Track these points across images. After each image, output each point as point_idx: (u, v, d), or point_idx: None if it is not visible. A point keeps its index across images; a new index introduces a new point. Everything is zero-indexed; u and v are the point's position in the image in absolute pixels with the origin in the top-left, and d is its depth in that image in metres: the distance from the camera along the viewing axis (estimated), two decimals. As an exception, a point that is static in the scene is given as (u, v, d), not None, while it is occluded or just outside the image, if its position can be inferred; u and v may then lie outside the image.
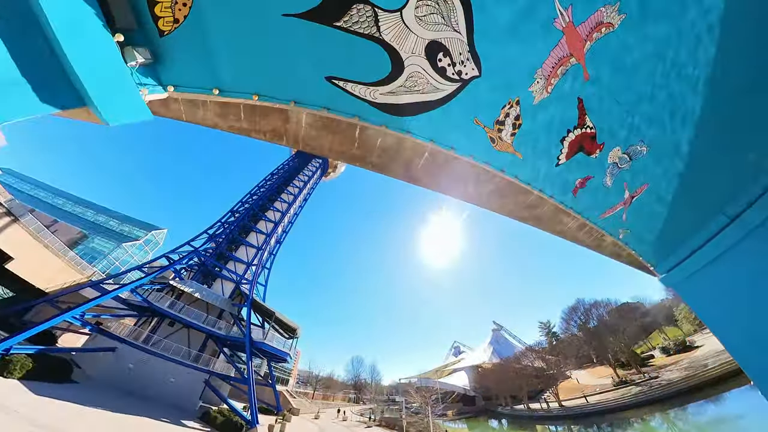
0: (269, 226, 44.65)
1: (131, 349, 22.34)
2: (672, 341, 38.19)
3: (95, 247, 52.45)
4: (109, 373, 20.78)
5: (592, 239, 7.33)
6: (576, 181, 4.28)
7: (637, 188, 4.29)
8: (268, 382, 30.01)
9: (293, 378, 70.07)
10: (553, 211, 5.90)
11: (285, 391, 47.01)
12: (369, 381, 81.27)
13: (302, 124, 4.45)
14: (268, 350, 26.22)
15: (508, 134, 3.60)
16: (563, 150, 3.80)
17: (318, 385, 74.53)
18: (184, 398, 22.62)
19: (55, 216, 58.49)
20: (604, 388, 36.56)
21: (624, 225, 4.97)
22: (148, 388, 21.38)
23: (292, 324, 28.78)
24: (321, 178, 73.33)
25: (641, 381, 32.47)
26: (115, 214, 64.21)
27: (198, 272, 33.33)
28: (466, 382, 64.80)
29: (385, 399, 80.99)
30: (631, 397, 29.91)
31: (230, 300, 31.35)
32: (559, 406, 38.30)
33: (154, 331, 26.02)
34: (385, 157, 5.17)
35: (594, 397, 35.04)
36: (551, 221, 6.48)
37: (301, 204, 60.47)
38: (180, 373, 23.20)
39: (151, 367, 22.19)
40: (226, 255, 35.95)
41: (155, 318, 27.13)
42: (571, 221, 6.44)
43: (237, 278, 33.29)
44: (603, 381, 40.10)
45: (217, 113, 4.31)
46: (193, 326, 26.12)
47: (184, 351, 24.87)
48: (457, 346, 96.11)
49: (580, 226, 6.61)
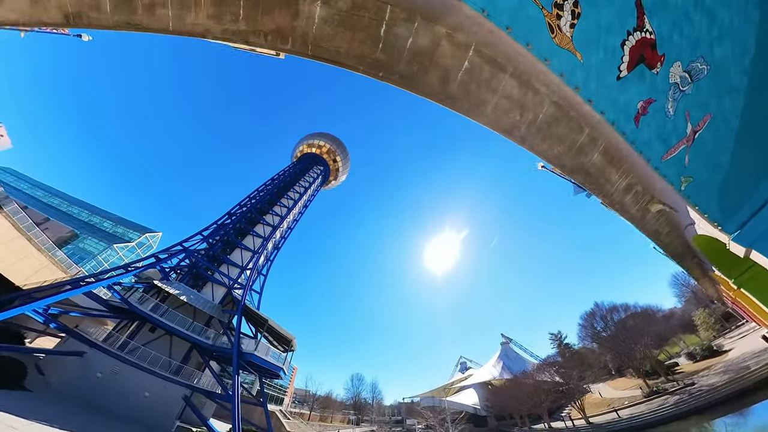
0: (267, 230, 42.44)
1: (102, 356, 19.64)
2: (698, 346, 35.57)
3: (85, 247, 50.21)
4: (73, 382, 18.02)
5: (638, 208, 6.60)
6: (638, 105, 4.00)
7: (700, 121, 4.16)
8: (259, 401, 26.94)
9: (288, 397, 65.48)
10: (602, 163, 5.32)
11: (278, 411, 43.20)
12: (370, 400, 76.50)
13: (315, 18, 3.86)
14: (259, 363, 23.32)
15: (567, 24, 3.35)
16: (624, 58, 3.62)
17: (315, 405, 69.71)
18: (158, 416, 19.68)
19: (48, 214, 56.83)
20: (633, 400, 33.07)
21: (686, 171, 4.65)
22: (117, 402, 18.52)
23: (286, 334, 25.96)
24: (322, 185, 71.71)
25: (676, 389, 29.41)
26: (111, 216, 62.39)
27: (188, 275, 30.88)
28: (475, 400, 60.31)
29: (388, 420, 75.97)
30: (670, 408, 26.66)
31: (220, 306, 28.70)
32: (587, 423, 34.54)
33: (133, 336, 23.30)
34: (415, 65, 4.26)
35: (625, 411, 31.64)
36: (599, 177, 5.71)
37: (301, 210, 58.54)
38: (156, 387, 20.36)
39: (124, 378, 19.41)
40: (220, 257, 33.54)
41: (135, 322, 24.47)
42: (620, 179, 5.80)
43: (229, 282, 30.74)
44: (629, 393, 36.66)
45: (210, 14, 3.85)
46: (176, 333, 23.42)
47: (163, 361, 22.07)
48: (464, 362, 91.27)
49: (628, 187, 6.00)
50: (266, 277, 40.41)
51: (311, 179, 62.93)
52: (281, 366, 24.63)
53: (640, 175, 5.88)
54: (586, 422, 34.94)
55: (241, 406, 19.48)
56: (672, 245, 8.76)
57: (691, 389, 27.56)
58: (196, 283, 30.49)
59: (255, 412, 42.83)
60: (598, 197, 6.86)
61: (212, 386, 25.39)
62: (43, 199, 65.04)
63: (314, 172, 65.34)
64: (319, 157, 69.38)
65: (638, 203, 6.84)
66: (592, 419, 34.92)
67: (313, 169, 65.71)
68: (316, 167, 66.40)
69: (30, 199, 63.39)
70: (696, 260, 9.49)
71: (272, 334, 27.32)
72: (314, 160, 67.53)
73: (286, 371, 25.88)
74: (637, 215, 7.33)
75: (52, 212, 59.62)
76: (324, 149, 70.58)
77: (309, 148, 70.25)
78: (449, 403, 55.63)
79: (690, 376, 30.83)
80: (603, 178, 5.79)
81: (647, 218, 7.80)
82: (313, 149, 70.06)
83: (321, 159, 69.27)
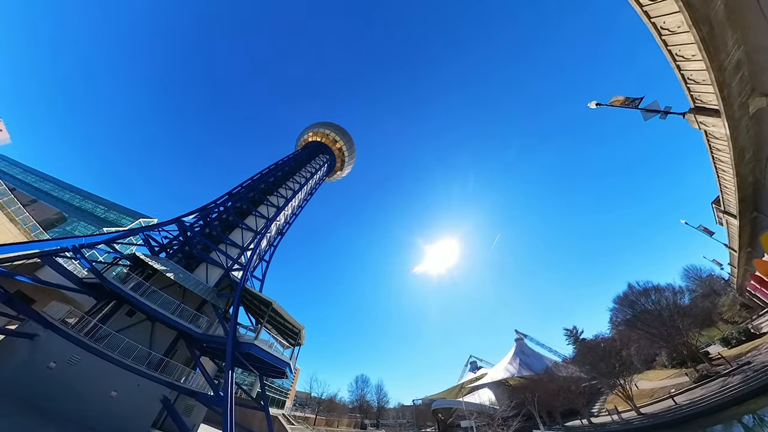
0: (271, 211, 38.02)
1: (61, 342, 15.14)
2: (733, 331, 34.77)
3: (72, 230, 46.01)
4: (14, 373, 13.54)
5: (740, 102, 8.15)
6: None
7: None
8: (259, 404, 22.32)
9: (290, 399, 60.51)
10: (723, 17, 5.77)
11: (281, 415, 38.33)
12: (375, 402, 72.08)
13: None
14: (263, 357, 18.59)
15: None
16: None
17: (320, 408, 64.85)
18: (128, 422, 15.07)
19: (38, 198, 52.98)
20: (680, 388, 29.80)
21: None
22: (72, 402, 13.98)
23: (294, 323, 21.29)
24: (327, 175, 67.66)
25: (731, 370, 26.54)
26: (104, 201, 58.27)
27: (178, 253, 26.39)
28: (493, 400, 56.43)
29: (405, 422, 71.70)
30: (739, 386, 22.72)
31: (215, 289, 24.14)
32: (638, 414, 29.90)
33: (106, 320, 18.81)
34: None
35: (679, 398, 27.79)
36: (717, 38, 6.21)
37: (306, 197, 54.54)
38: (127, 385, 15.77)
39: (84, 371, 14.87)
40: (217, 236, 29.08)
41: (111, 303, 19.97)
42: (734, 49, 6.55)
43: (227, 263, 26.23)
44: (671, 381, 33.99)
45: None
46: (158, 317, 18.87)
47: (140, 352, 17.51)
48: (474, 361, 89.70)
49: (738, 65, 6.95)
50: (269, 264, 35.88)
51: (318, 165, 59.07)
52: (288, 361, 19.94)
53: (751, 51, 6.82)
54: (637, 413, 30.26)
55: (236, 409, 14.83)
56: (745, 181, 9.77)
57: (752, 367, 24.57)
58: (188, 264, 25.98)
59: (255, 417, 38.01)
60: (712, 73, 7.12)
61: (202, 386, 20.80)
62: (33, 184, 61.42)
63: (321, 160, 61.58)
64: (325, 145, 65.69)
65: (741, 93, 7.49)
66: (643, 410, 30.40)
67: (320, 156, 61.97)
68: (322, 155, 62.73)
69: (20, 184, 59.78)
70: (754, 215, 10.12)
71: (276, 323, 22.67)
72: (319, 148, 63.85)
73: (292, 368, 21.20)
74: (736, 115, 7.96)
75: (42, 196, 55.79)
76: (329, 138, 66.98)
77: (314, 136, 66.81)
78: (468, 404, 52.54)
79: (735, 359, 28.78)
80: (721, 40, 6.46)
81: (742, 124, 8.67)
82: (318, 137, 66.47)
83: (326, 147, 65.51)
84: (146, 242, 22.88)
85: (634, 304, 41.89)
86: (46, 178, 63.65)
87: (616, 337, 44.10)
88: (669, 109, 9.72)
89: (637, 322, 39.79)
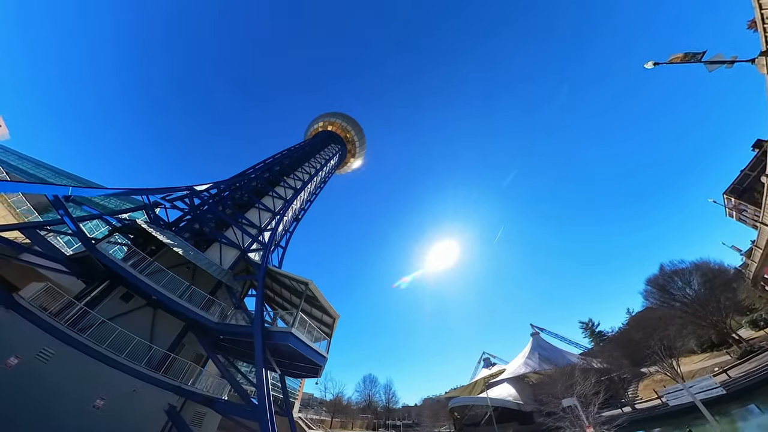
0: (289, 193, 33.95)
1: (30, 328, 10.97)
2: (763, 313, 34.21)
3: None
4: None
5: None
6: None
7: None
8: (282, 408, 18.06)
9: (298, 401, 56.31)
10: None
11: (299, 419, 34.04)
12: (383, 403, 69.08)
13: None
14: (299, 350, 14.23)
15: None
16: None
17: (324, 410, 61.37)
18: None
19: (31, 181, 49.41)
20: (723, 366, 27.80)
21: None
22: (41, 410, 9.80)
23: (331, 310, 17.03)
24: (338, 166, 64.24)
25: None
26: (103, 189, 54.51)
27: (185, 231, 22.25)
28: (514, 394, 53.07)
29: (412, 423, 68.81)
30: None
31: (231, 272, 19.96)
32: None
33: (95, 305, 14.60)
34: None
35: (732, 372, 25.88)
36: None
37: (319, 185, 50.99)
38: (119, 389, 11.58)
39: (58, 370, 10.68)
40: (232, 214, 24.96)
41: (104, 284, 15.78)
42: None
43: (244, 242, 22.08)
44: (709, 362, 32.40)
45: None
46: (162, 301, 14.69)
47: (137, 345, 13.30)
48: (487, 358, 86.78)
49: None
50: (285, 250, 31.71)
51: (330, 154, 56.20)
52: (326, 356, 15.66)
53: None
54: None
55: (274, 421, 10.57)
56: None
57: None
58: (197, 243, 21.85)
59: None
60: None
61: (216, 389, 16.58)
62: (29, 170, 58.09)
63: (333, 149, 58.71)
64: (336, 135, 62.94)
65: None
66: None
67: (332, 145, 59.03)
68: (333, 144, 59.86)
69: (16, 170, 56.49)
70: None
71: (306, 309, 18.43)
72: (331, 137, 60.93)
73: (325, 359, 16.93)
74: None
75: (36, 180, 52.29)
76: (339, 127, 64.09)
77: (325, 126, 63.87)
78: (492, 400, 49.52)
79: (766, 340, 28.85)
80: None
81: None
82: (329, 127, 63.65)
83: (338, 137, 62.65)
84: (149, 219, 18.85)
85: (669, 283, 40.02)
86: (43, 165, 60.39)
87: (659, 315, 41.57)
88: (735, 58, 9.39)
89: (674, 303, 38.24)
